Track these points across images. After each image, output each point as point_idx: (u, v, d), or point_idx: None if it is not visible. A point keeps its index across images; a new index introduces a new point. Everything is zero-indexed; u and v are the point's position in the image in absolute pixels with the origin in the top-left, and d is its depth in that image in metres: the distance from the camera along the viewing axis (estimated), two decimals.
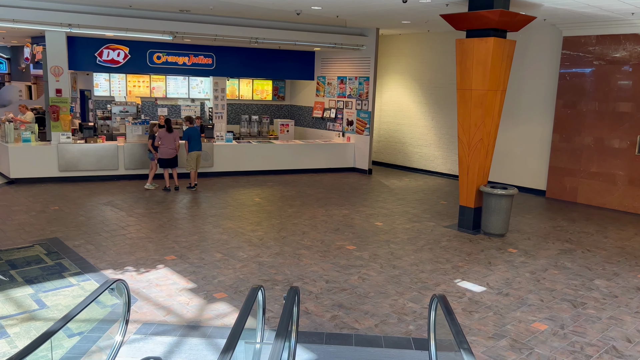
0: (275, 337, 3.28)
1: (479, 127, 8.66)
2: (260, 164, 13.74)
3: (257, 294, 3.94)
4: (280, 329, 3.35)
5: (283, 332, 3.31)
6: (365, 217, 9.77)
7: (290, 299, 3.91)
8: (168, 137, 11.22)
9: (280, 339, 3.24)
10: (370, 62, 14.06)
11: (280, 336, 3.27)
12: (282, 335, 3.28)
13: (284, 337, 3.26)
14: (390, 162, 15.89)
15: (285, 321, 3.48)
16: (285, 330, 3.36)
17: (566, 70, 11.59)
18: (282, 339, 3.24)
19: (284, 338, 3.25)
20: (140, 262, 7.00)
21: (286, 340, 4.26)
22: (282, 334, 3.30)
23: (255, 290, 3.98)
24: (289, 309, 3.71)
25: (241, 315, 3.50)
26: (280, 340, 3.23)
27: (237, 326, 3.32)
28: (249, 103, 16.47)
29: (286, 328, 3.40)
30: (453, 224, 9.50)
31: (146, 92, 14.82)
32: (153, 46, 13.55)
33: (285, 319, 3.52)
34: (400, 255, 7.63)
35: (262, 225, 8.94)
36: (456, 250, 7.98)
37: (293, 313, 4.33)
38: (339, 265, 7.11)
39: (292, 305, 3.82)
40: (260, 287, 4.13)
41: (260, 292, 4.20)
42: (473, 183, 8.94)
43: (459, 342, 3.26)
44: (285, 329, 3.37)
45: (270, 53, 14.89)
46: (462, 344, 3.21)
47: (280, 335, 3.27)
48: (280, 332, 3.31)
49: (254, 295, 3.89)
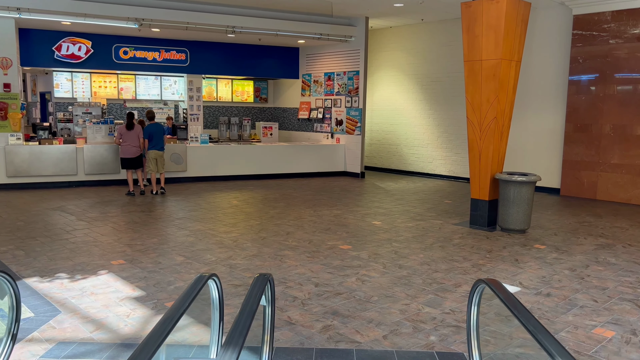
0: (223, 346, 1.83)
1: (492, 104, 7.36)
2: (240, 168, 12.31)
3: (201, 285, 2.48)
4: (231, 335, 1.91)
5: (236, 341, 1.87)
6: (360, 217, 8.35)
7: (256, 290, 2.45)
8: (129, 135, 9.78)
9: (232, 351, 1.79)
10: (359, 55, 12.83)
11: (231, 346, 1.82)
12: (235, 345, 1.84)
13: (237, 348, 1.82)
14: (383, 166, 14.54)
15: (242, 324, 2.03)
16: (240, 336, 1.91)
17: (578, 51, 10.42)
18: (234, 351, 1.79)
19: (236, 349, 1.80)
20: (77, 268, 5.49)
21: (255, 356, 2.80)
22: (234, 342, 1.85)
23: (202, 280, 2.53)
24: (252, 303, 2.26)
25: (167, 317, 2.04)
26: (232, 353, 1.78)
27: (153, 334, 1.87)
28: (229, 105, 15.12)
29: (242, 333, 1.94)
30: (463, 221, 8.11)
31: (113, 93, 13.41)
32: (119, 40, 12.22)
33: (243, 320, 2.07)
34: (406, 254, 6.20)
35: (237, 227, 7.48)
36: (473, 248, 6.56)
37: (266, 315, 2.87)
38: (331, 267, 5.66)
39: (257, 298, 2.37)
40: (212, 277, 2.68)
41: (213, 284, 2.75)
42: (487, 171, 7.59)
43: (555, 352, 1.84)
44: (240, 335, 1.92)
45: (250, 49, 13.62)
46: (560, 354, 1.80)
47: (232, 345, 1.83)
48: (232, 340, 1.87)
49: (197, 288, 2.43)
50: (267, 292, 2.83)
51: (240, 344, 1.83)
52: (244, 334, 1.90)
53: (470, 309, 2.88)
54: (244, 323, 2.00)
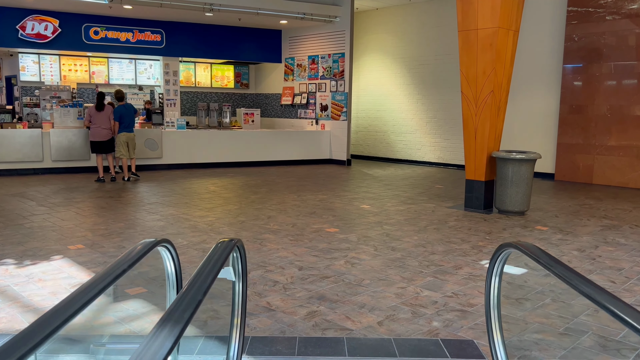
0: (157, 325, 1.24)
1: (488, 77, 6.84)
2: (220, 155, 11.66)
3: (140, 254, 1.88)
4: (171, 312, 1.31)
5: (177, 318, 1.27)
6: (347, 201, 7.78)
7: (216, 257, 1.85)
8: (100, 116, 9.07)
9: (168, 332, 1.20)
10: (345, 36, 12.25)
11: (168, 326, 1.22)
12: (174, 324, 1.24)
13: (175, 328, 1.22)
14: (370, 154, 14.00)
15: (189, 298, 1.43)
16: (184, 313, 1.31)
17: (574, 29, 9.97)
18: (170, 333, 1.20)
19: (175, 330, 1.21)
20: (28, 253, 4.82)
21: (222, 346, 2.26)
22: (174, 320, 1.26)
23: (145, 247, 1.93)
24: (208, 273, 1.66)
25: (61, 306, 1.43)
26: (167, 334, 1.18)
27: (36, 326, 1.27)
28: (208, 91, 14.42)
29: (187, 310, 1.34)
30: (457, 204, 7.59)
31: (84, 77, 12.64)
32: (89, 19, 11.46)
33: (192, 292, 1.47)
34: (398, 237, 5.65)
35: (214, 212, 6.85)
36: (470, 230, 6.04)
37: (236, 293, 2.29)
38: (316, 250, 5.07)
39: (216, 265, 1.77)
40: (163, 243, 2.08)
41: (166, 253, 2.15)
42: (483, 149, 7.07)
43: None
44: (184, 311, 1.32)
45: (229, 31, 12.95)
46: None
47: (170, 325, 1.23)
48: (170, 317, 1.27)
49: (130, 257, 1.83)
50: (236, 263, 2.23)
51: (182, 324, 1.23)
52: (189, 311, 1.31)
53: (490, 280, 2.32)
54: (191, 297, 1.40)
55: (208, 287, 1.50)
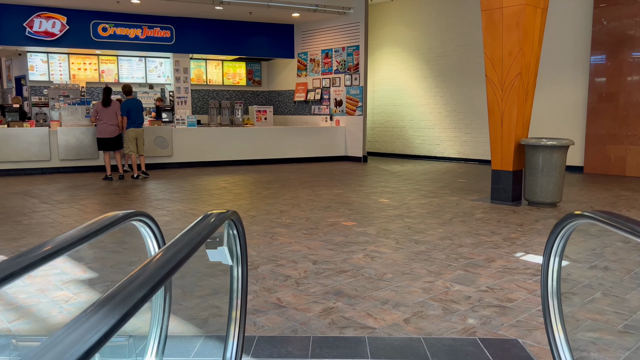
0: (91, 308, 0.81)
1: (515, 58, 6.35)
2: (231, 153, 11.30)
3: (111, 221, 1.47)
4: (119, 288, 0.89)
5: (122, 299, 0.85)
6: (364, 195, 7.34)
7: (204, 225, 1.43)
8: (106, 112, 8.77)
9: (103, 315, 0.77)
10: (359, 28, 11.83)
11: (105, 306, 0.80)
12: (117, 306, 0.82)
13: (117, 311, 0.80)
14: (387, 150, 13.53)
15: (157, 265, 1.01)
16: (136, 288, 0.89)
17: (602, 13, 9.42)
18: (107, 316, 0.77)
19: (114, 313, 0.79)
20: (22, 248, 4.47)
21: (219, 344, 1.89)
22: (116, 300, 0.84)
23: (118, 218, 1.52)
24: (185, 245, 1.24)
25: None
26: (102, 317, 0.76)
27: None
28: (219, 89, 14.10)
29: (145, 288, 0.92)
30: (483, 197, 7.10)
31: (94, 76, 12.41)
32: (97, 16, 11.22)
33: (162, 260, 1.06)
34: (422, 230, 5.19)
35: (223, 207, 6.46)
36: (500, 222, 5.55)
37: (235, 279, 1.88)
38: (332, 243, 4.64)
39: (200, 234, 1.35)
40: (141, 217, 1.68)
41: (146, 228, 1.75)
42: (510, 136, 6.57)
43: None
44: (139, 288, 0.90)
45: (240, 26, 12.62)
46: None
47: (108, 305, 0.81)
48: (114, 296, 0.85)
49: (104, 223, 1.42)
50: (233, 242, 1.82)
51: (125, 309, 0.81)
52: (142, 291, 0.89)
53: (549, 262, 1.87)
54: (152, 272, 0.99)
55: (180, 261, 1.08)
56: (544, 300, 1.95)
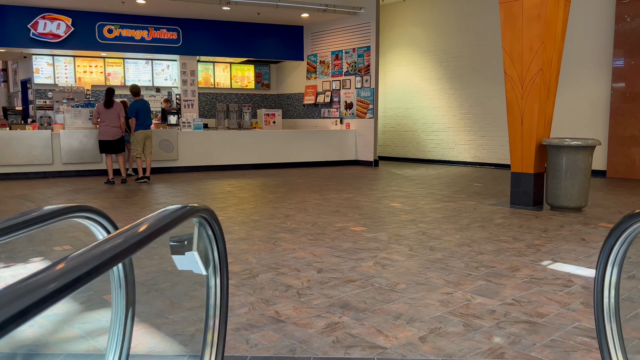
0: None
1: (536, 52, 5.95)
2: (239, 157, 10.99)
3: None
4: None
5: None
6: (375, 199, 6.95)
7: (156, 219, 1.07)
8: (109, 113, 8.50)
9: None
10: (370, 28, 11.49)
11: None
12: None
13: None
14: (399, 155, 13.14)
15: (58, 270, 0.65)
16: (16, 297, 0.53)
17: (625, 8, 8.97)
18: None
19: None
20: (4, 255, 4.16)
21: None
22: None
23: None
24: (120, 238, 0.88)
25: None
26: None
27: None
28: (227, 92, 13.83)
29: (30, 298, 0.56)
30: (502, 202, 6.68)
31: (100, 79, 12.20)
32: (103, 17, 11.02)
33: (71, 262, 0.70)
34: (437, 235, 4.79)
35: (226, 211, 6.12)
36: (522, 228, 5.13)
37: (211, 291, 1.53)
38: (340, 249, 4.27)
39: (143, 232, 0.99)
40: (85, 212, 1.33)
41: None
42: (531, 137, 6.16)
43: None
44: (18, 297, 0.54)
45: (248, 27, 12.35)
46: None
47: None
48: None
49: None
50: (209, 247, 1.46)
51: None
52: (24, 301, 0.54)
53: (605, 273, 1.48)
54: (47, 277, 0.63)
55: (78, 278, 0.73)
56: (598, 321, 1.56)
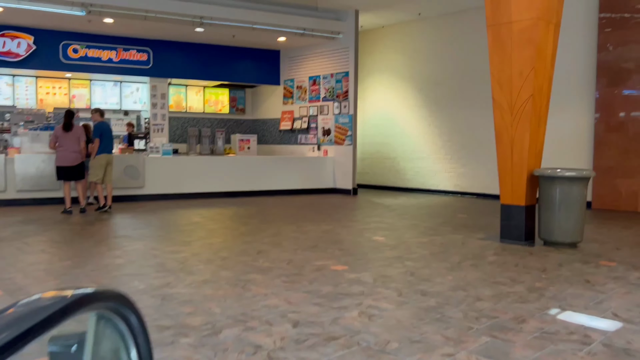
0: None
1: (526, 78, 5.62)
2: (210, 184, 10.39)
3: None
4: None
5: None
6: (356, 232, 6.44)
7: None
8: (67, 137, 7.85)
9: None
10: (349, 54, 11.17)
11: None
12: None
13: None
14: (378, 183, 12.72)
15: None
16: None
17: (608, 38, 8.84)
18: None
19: None
20: None
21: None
22: None
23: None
24: None
25: None
26: None
27: None
28: (200, 117, 13.28)
29: None
30: (491, 235, 6.25)
31: (64, 101, 11.53)
32: (67, 36, 10.44)
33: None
34: (427, 276, 4.29)
35: (191, 246, 5.52)
36: (518, 267, 4.68)
37: None
38: (319, 295, 3.72)
39: None
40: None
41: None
42: (522, 167, 5.78)
43: None
44: None
45: (223, 50, 11.92)
46: None
47: None
48: None
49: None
50: (123, 350, 0.91)
51: None
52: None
53: None
54: None
55: None
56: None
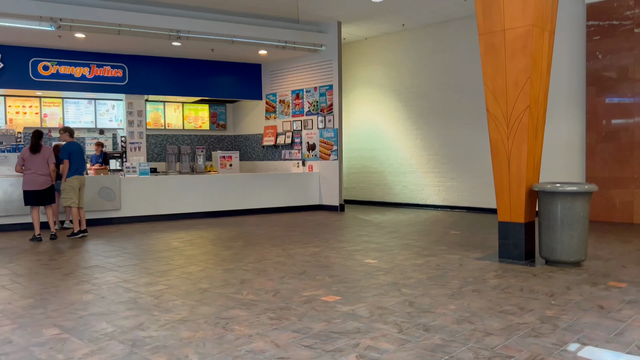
0: None
1: (522, 89, 5.33)
2: (191, 204, 9.93)
3: None
4: None
5: None
6: (346, 255, 6.05)
7: None
8: (35, 159, 7.36)
9: None
10: (332, 66, 10.87)
11: None
12: None
13: None
14: (365, 198, 12.37)
15: None
16: None
17: (596, 46, 8.67)
18: None
19: None
20: None
21: None
22: None
23: None
24: None
25: None
26: None
27: None
28: (179, 134, 12.82)
29: None
30: (488, 255, 5.91)
31: (35, 120, 11.00)
32: (37, 53, 9.96)
33: None
34: (428, 306, 3.91)
35: (168, 276, 5.07)
36: (523, 291, 4.33)
37: None
38: (310, 334, 3.31)
39: None
40: None
41: None
42: (520, 181, 5.47)
43: None
44: None
45: (202, 65, 11.53)
46: None
47: None
48: None
49: None
50: None
51: None
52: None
53: None
54: None
55: None
56: None
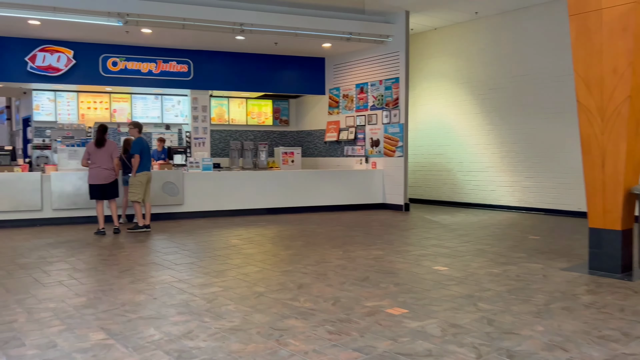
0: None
1: (622, 76, 4.63)
2: (252, 201, 9.78)
3: None
4: None
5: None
6: (413, 260, 5.58)
7: None
8: (100, 154, 7.41)
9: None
10: (399, 58, 10.34)
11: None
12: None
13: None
14: (431, 197, 11.76)
15: None
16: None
17: None
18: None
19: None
20: None
21: None
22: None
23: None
24: None
25: None
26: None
27: None
28: (243, 129, 12.75)
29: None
30: (576, 265, 5.24)
31: (105, 115, 11.26)
32: (107, 49, 10.14)
33: None
34: (510, 326, 3.39)
35: (223, 277, 4.82)
36: (624, 312, 3.70)
37: None
38: (373, 355, 2.91)
39: None
40: None
41: None
42: (616, 182, 4.77)
43: None
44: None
45: (265, 60, 11.35)
46: None
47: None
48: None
49: None
50: None
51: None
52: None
53: None
54: None
55: None
56: None
